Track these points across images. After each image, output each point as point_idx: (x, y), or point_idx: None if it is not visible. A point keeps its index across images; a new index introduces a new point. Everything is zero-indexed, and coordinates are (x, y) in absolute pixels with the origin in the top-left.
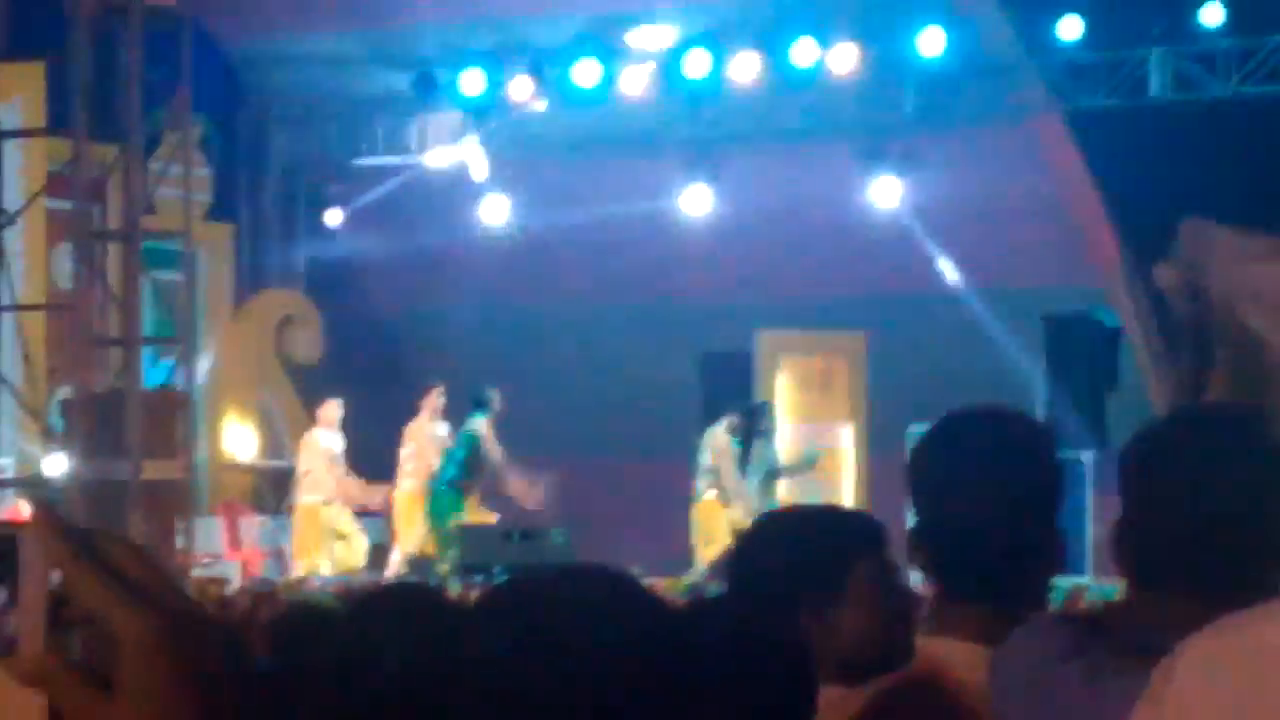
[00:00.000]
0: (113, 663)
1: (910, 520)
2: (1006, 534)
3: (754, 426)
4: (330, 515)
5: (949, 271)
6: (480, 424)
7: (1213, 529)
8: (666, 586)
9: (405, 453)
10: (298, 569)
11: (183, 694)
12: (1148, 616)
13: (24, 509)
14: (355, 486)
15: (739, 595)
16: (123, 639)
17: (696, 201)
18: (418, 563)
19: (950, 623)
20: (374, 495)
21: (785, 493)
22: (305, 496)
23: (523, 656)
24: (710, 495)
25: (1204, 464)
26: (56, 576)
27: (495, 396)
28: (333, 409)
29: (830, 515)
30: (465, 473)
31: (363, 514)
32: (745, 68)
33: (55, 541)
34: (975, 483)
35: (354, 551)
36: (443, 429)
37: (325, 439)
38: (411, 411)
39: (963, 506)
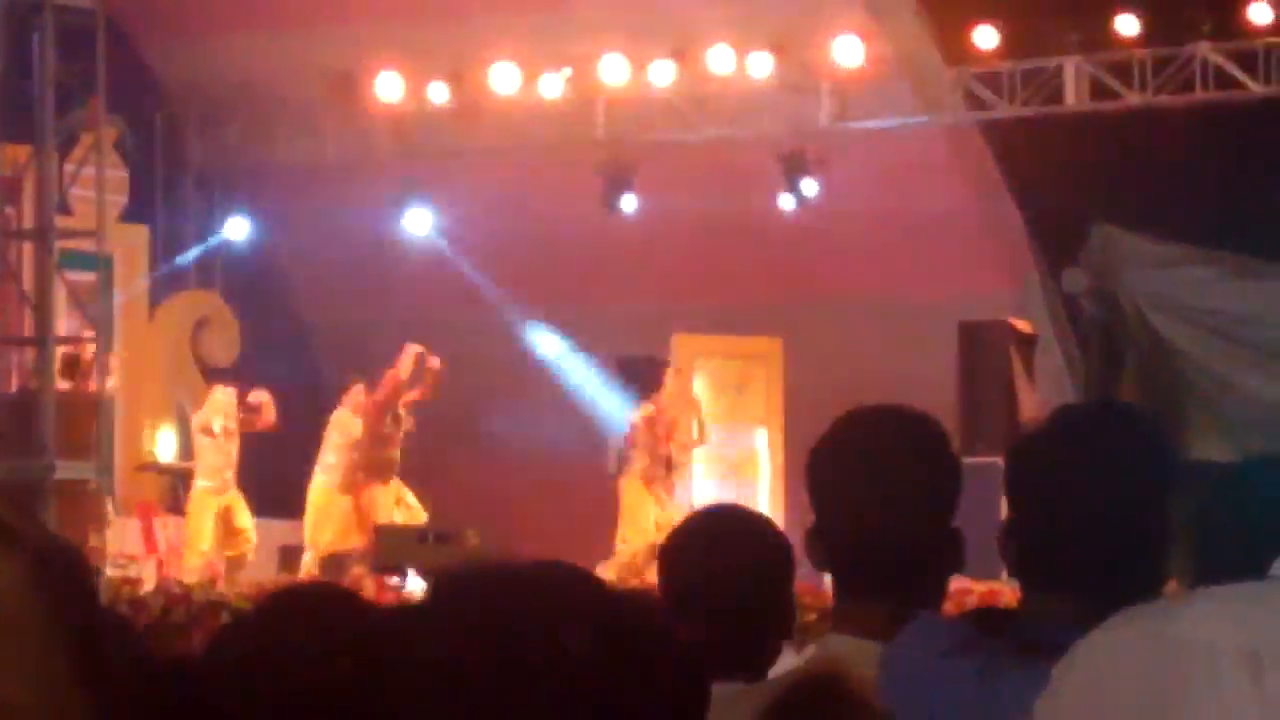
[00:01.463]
0: None
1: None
2: (903, 532)
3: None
4: (223, 505)
5: (863, 277)
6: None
7: (1090, 528)
8: None
9: (326, 445)
10: (189, 556)
11: (52, 632)
12: (1035, 615)
13: None
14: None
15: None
16: None
17: (614, 206)
18: (330, 563)
19: (850, 620)
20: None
21: (701, 494)
22: (198, 482)
23: (472, 654)
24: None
25: (1079, 464)
26: None
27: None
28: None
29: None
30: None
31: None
32: (662, 73)
33: None
34: (872, 481)
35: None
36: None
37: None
38: (327, 411)
39: (860, 505)
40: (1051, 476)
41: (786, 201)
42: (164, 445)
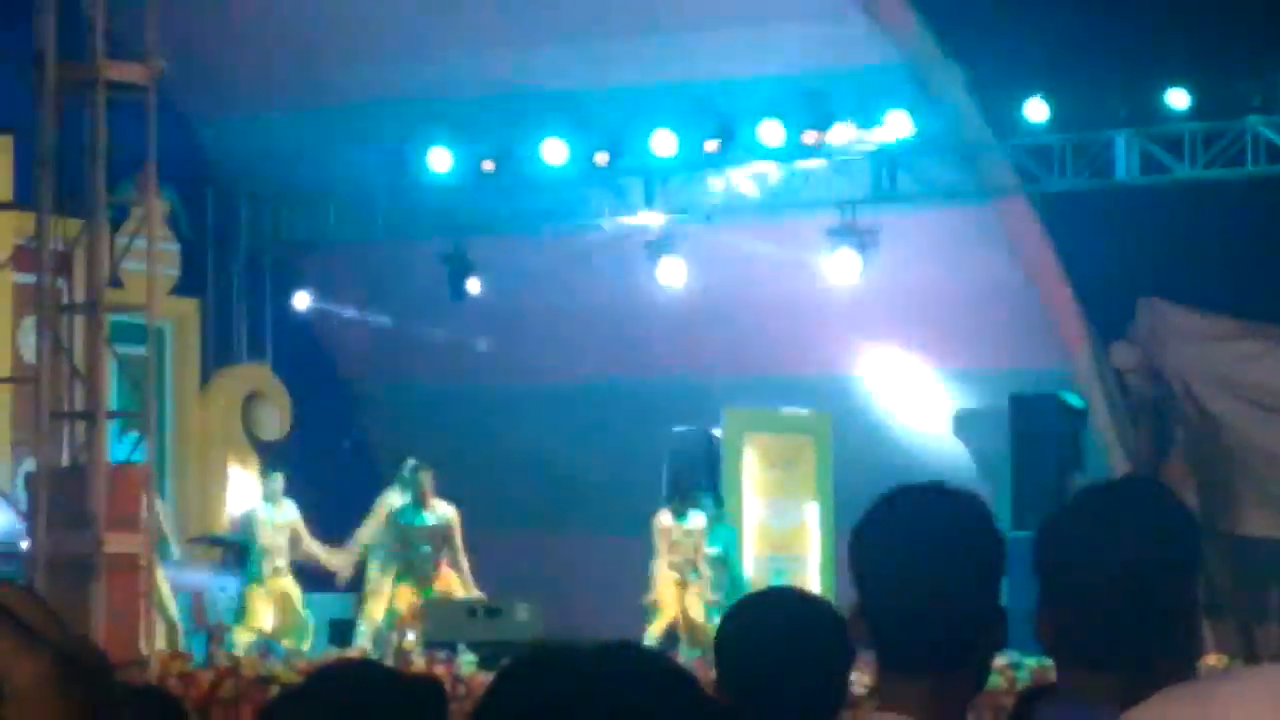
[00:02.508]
0: (3, 704)
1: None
2: (946, 611)
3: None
4: (280, 590)
5: (914, 350)
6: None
7: (1118, 604)
8: None
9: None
10: (240, 633)
11: None
12: (1072, 693)
13: None
14: (320, 549)
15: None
16: (13, 680)
17: (665, 280)
18: (380, 638)
19: (894, 697)
20: (339, 560)
21: (751, 569)
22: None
23: None
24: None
25: (1102, 542)
26: None
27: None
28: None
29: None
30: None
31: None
32: (711, 148)
33: None
34: (914, 560)
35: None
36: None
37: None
38: (377, 488)
39: (904, 582)
40: (1076, 554)
41: (835, 275)
42: (216, 518)
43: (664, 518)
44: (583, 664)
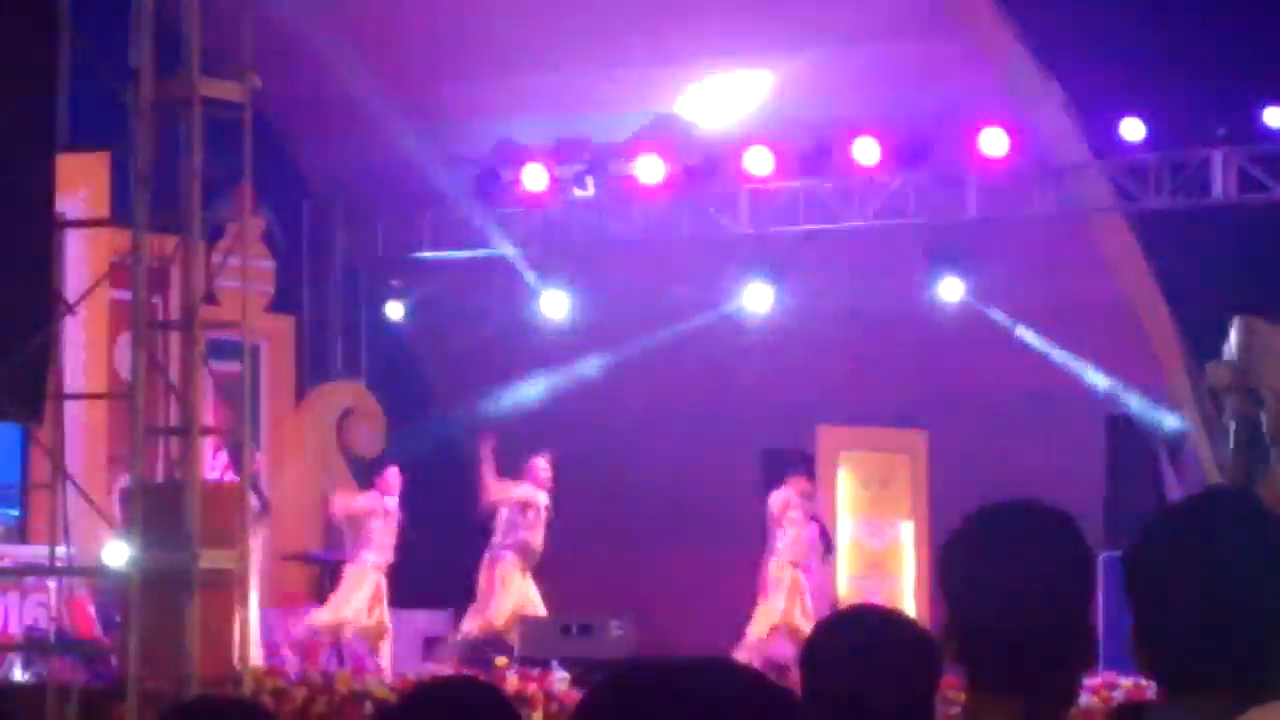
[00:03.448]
0: None
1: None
2: (1034, 629)
3: None
4: (378, 581)
5: (1010, 369)
6: None
7: (1217, 625)
8: None
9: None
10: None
11: None
12: (1164, 713)
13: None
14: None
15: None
16: None
17: (758, 299)
18: (473, 654)
19: (984, 716)
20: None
21: (845, 588)
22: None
23: None
24: None
25: (1202, 559)
26: None
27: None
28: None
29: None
30: None
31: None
32: (806, 165)
33: None
34: (1002, 576)
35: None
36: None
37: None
38: (470, 503)
39: (993, 600)
40: (1176, 573)
41: (933, 293)
42: (310, 536)
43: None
44: (675, 680)
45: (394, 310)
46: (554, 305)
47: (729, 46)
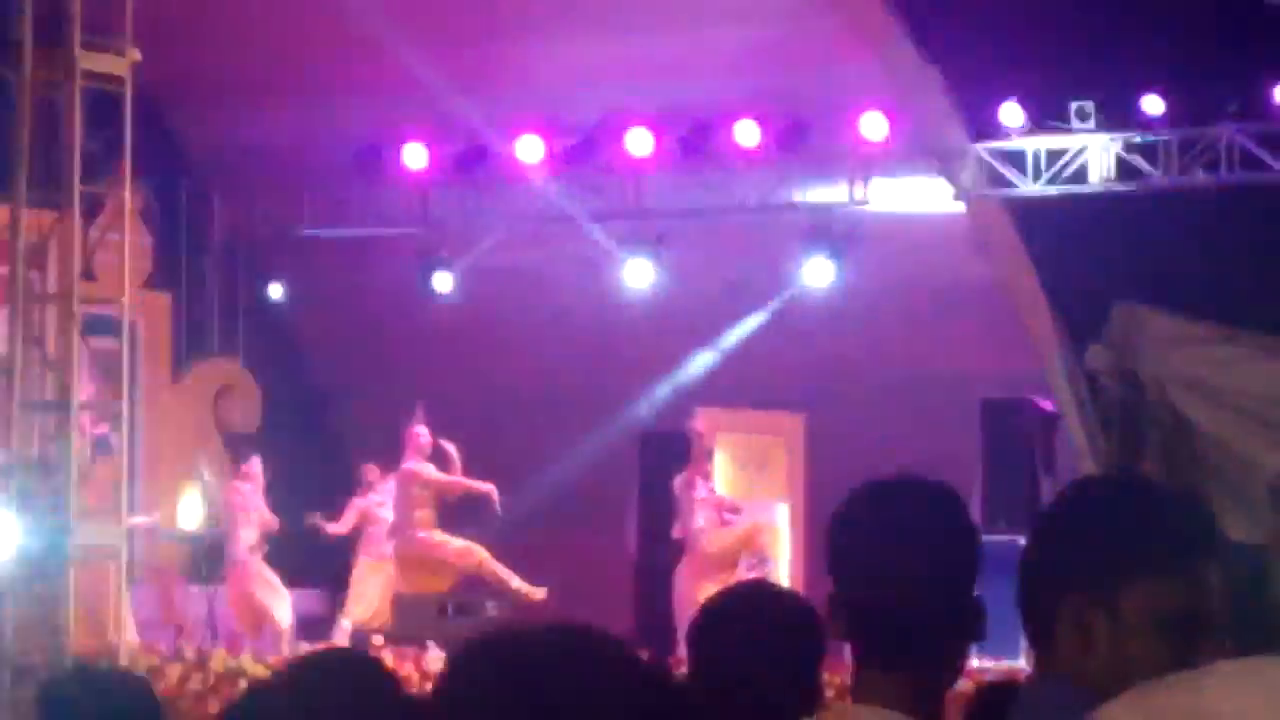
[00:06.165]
0: None
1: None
2: (923, 603)
3: None
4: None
5: (887, 352)
6: None
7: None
8: None
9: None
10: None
11: None
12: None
13: None
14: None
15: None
16: None
17: (638, 276)
18: (356, 635)
19: (871, 691)
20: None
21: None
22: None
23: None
24: None
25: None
26: None
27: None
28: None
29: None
30: None
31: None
32: (687, 146)
33: None
34: (891, 551)
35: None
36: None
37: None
38: (348, 483)
39: (879, 575)
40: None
41: (809, 276)
42: (186, 512)
43: None
44: (535, 647)
45: (274, 290)
46: (438, 284)
47: (610, 20)
